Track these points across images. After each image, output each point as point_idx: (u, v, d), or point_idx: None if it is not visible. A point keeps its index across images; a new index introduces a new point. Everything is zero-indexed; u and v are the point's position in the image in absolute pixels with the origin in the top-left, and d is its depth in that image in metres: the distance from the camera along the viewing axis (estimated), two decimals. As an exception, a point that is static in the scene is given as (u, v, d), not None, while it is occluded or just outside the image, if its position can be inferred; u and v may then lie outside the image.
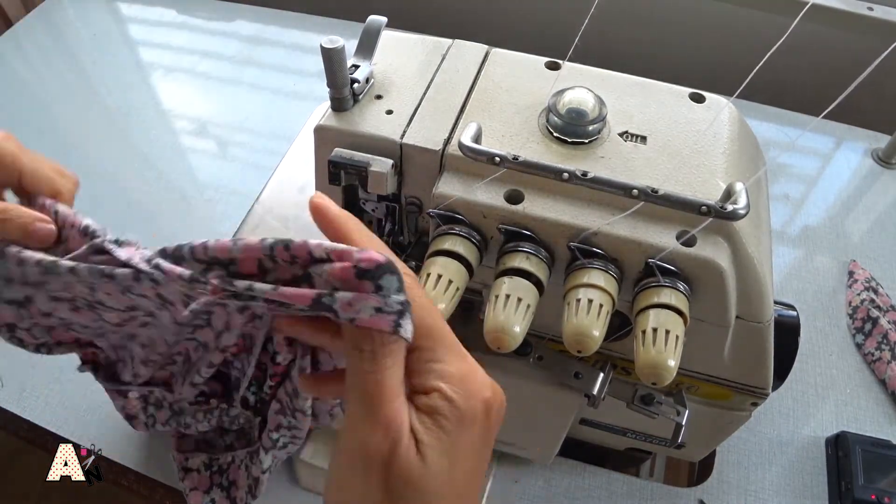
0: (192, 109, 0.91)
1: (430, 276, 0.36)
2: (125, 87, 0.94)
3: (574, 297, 0.35)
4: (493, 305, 0.35)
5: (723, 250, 0.36)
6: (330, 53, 0.39)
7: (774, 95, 0.87)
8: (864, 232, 0.78)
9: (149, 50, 1.00)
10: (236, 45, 1.00)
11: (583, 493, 0.58)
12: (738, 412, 0.47)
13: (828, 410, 0.63)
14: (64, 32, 1.02)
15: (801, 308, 0.50)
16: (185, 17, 1.05)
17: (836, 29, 0.91)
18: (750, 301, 0.38)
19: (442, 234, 0.38)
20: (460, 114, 0.42)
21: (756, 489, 0.58)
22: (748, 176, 0.40)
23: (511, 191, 0.38)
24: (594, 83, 0.42)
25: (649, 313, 0.35)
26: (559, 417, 0.50)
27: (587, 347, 0.34)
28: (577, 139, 0.40)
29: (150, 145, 0.86)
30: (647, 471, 0.68)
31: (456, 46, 0.47)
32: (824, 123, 0.89)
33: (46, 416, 0.61)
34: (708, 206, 0.35)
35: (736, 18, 0.96)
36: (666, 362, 0.33)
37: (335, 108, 0.42)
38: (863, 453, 0.57)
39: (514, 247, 0.37)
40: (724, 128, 0.42)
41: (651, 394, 0.44)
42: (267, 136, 0.87)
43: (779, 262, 0.74)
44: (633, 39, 1.04)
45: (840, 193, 0.82)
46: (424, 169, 0.41)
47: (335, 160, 0.40)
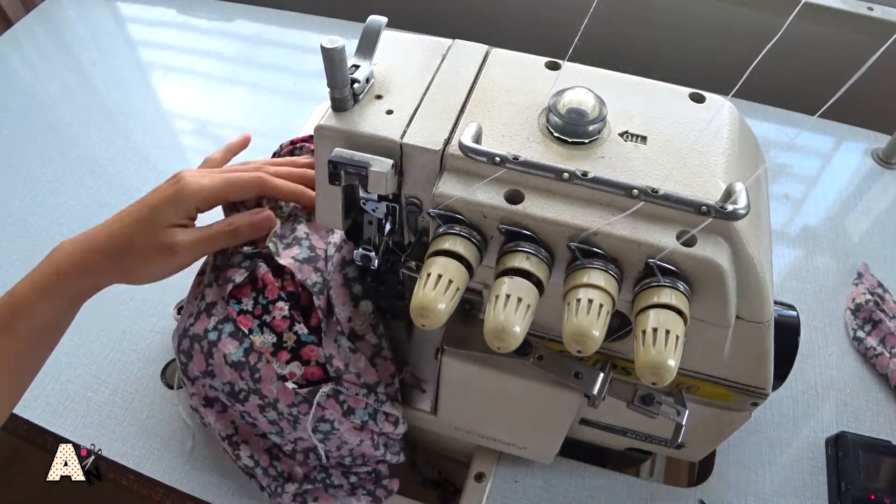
0: (192, 109, 0.91)
1: (430, 276, 0.36)
2: (125, 87, 0.94)
3: (574, 297, 0.35)
4: (493, 305, 0.35)
5: (723, 250, 0.36)
6: (330, 53, 0.39)
7: (774, 95, 0.87)
8: (864, 232, 0.78)
9: (149, 50, 1.00)
10: (236, 45, 1.00)
11: (583, 493, 0.58)
12: (738, 412, 0.47)
13: (828, 410, 0.63)
14: (64, 32, 1.02)
15: (801, 308, 0.50)
16: (185, 17, 1.05)
17: (835, 29, 0.91)
18: (750, 301, 0.38)
19: (442, 234, 0.38)
20: (460, 114, 0.42)
21: (756, 489, 0.58)
22: (748, 176, 0.40)
23: (511, 191, 0.38)
24: (594, 83, 0.42)
25: (649, 313, 0.35)
26: (559, 417, 0.50)
27: (587, 347, 0.34)
28: (577, 139, 0.40)
29: (150, 145, 0.86)
30: (647, 471, 0.68)
31: (456, 46, 0.47)
32: (824, 123, 0.89)
33: (46, 416, 0.61)
34: (708, 206, 0.35)
35: (736, 18, 0.96)
36: (666, 362, 0.33)
37: (335, 108, 0.42)
38: (863, 453, 0.57)
39: (514, 247, 0.37)
40: (724, 128, 0.42)
41: (651, 394, 0.44)
42: (267, 136, 0.87)
43: (779, 262, 0.74)
44: (633, 39, 1.04)
45: (840, 193, 0.82)
46: (424, 169, 0.41)
47: (335, 160, 0.40)
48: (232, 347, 0.49)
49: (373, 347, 0.51)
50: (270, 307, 0.50)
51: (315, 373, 0.49)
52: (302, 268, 0.51)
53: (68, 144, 0.86)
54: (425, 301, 0.35)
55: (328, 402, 0.49)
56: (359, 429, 0.51)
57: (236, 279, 0.51)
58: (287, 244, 0.53)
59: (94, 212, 0.78)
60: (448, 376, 0.50)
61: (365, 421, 0.50)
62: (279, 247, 0.52)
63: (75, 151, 0.85)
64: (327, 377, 0.49)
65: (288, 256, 0.51)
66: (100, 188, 0.81)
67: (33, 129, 0.88)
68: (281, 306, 0.50)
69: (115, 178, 0.82)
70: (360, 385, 0.50)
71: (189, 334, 0.51)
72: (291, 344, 0.49)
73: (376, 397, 0.50)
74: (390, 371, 0.52)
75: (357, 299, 0.52)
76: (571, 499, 0.58)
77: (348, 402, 0.49)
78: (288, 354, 0.49)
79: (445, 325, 0.36)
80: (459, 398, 0.52)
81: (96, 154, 0.85)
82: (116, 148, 0.85)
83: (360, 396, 0.50)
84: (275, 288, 0.50)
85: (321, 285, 0.51)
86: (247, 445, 0.54)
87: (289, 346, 0.49)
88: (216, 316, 0.50)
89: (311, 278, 0.51)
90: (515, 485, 0.58)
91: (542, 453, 0.56)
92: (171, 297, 0.69)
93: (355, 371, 0.49)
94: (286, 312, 0.50)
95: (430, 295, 0.35)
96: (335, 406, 0.49)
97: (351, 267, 0.52)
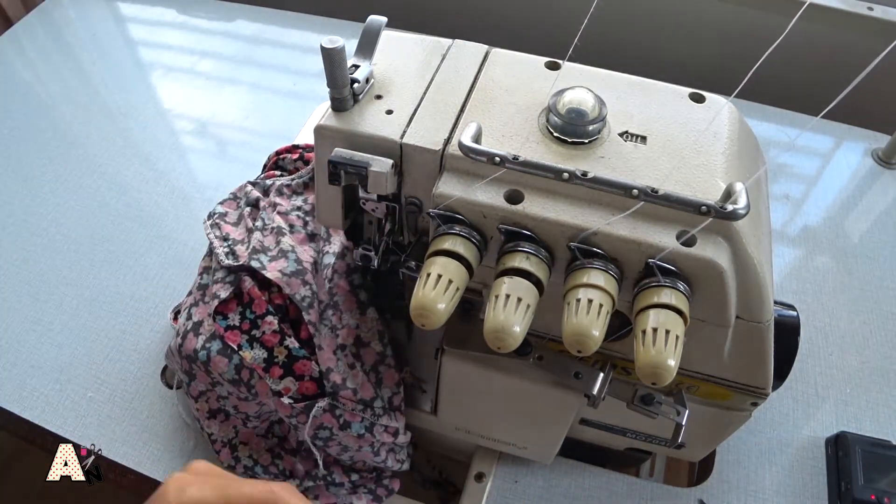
0: (192, 109, 0.91)
1: (430, 276, 0.36)
2: (125, 87, 0.94)
3: (574, 297, 0.35)
4: (493, 305, 0.35)
5: (723, 250, 0.36)
6: (330, 53, 0.39)
7: (774, 95, 0.87)
8: (864, 232, 0.78)
9: (149, 50, 1.00)
10: (236, 45, 1.00)
11: (583, 493, 0.58)
12: (738, 412, 0.47)
13: (828, 410, 0.63)
14: (64, 32, 1.02)
15: (801, 308, 0.50)
16: (185, 17, 1.05)
17: (836, 29, 0.91)
18: (750, 301, 0.38)
19: (442, 234, 0.38)
20: (460, 114, 0.42)
21: (756, 489, 0.58)
22: (748, 176, 0.40)
23: (511, 191, 0.38)
24: (594, 83, 0.42)
25: (649, 313, 0.35)
26: (559, 417, 0.50)
27: (587, 347, 0.34)
28: (577, 139, 0.40)
29: (150, 145, 0.86)
30: (647, 471, 0.68)
31: (456, 46, 0.47)
32: (824, 123, 0.88)
33: (46, 416, 0.61)
34: (708, 206, 0.35)
35: (736, 18, 0.96)
36: (666, 362, 0.33)
37: (335, 108, 0.42)
38: (863, 453, 0.57)
39: (514, 247, 0.37)
40: (724, 128, 0.42)
41: (651, 394, 0.44)
42: (267, 136, 0.87)
43: (779, 262, 0.74)
44: (633, 39, 1.04)
45: (840, 193, 0.82)
46: (424, 169, 0.41)
47: (335, 160, 0.40)
48: (223, 366, 0.48)
49: (377, 355, 0.52)
50: (259, 322, 0.50)
51: (310, 387, 0.49)
52: (290, 281, 0.50)
53: (68, 144, 0.86)
54: (425, 301, 0.35)
55: (324, 417, 0.49)
56: (357, 437, 0.51)
57: (221, 295, 0.50)
58: (273, 257, 0.52)
59: (94, 212, 0.78)
60: (448, 376, 0.50)
61: (362, 434, 0.50)
62: (264, 261, 0.52)
63: (75, 151, 0.85)
64: (322, 391, 0.49)
65: (275, 269, 0.51)
66: (100, 188, 0.81)
67: (33, 129, 0.88)
68: (270, 320, 0.49)
69: (115, 178, 0.82)
70: (357, 401, 0.50)
71: (183, 354, 0.51)
72: (283, 359, 0.49)
73: (373, 412, 0.50)
74: (395, 379, 0.52)
75: (364, 306, 0.52)
76: (571, 499, 0.58)
77: (344, 416, 0.50)
78: (280, 370, 0.49)
79: (445, 325, 0.36)
80: (459, 398, 0.52)
81: (96, 154, 0.85)
82: (116, 148, 0.85)
83: (356, 412, 0.50)
84: (262, 302, 0.50)
85: (310, 299, 0.50)
86: (246, 446, 0.55)
87: (280, 360, 0.49)
88: (203, 335, 0.50)
89: (299, 292, 0.50)
90: (515, 485, 0.58)
91: (542, 453, 0.56)
92: (171, 297, 0.69)
93: (352, 387, 0.49)
94: (276, 327, 0.49)
95: (430, 295, 0.35)
96: (331, 420, 0.49)
97: (357, 274, 0.52)
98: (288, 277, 0.50)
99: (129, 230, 0.76)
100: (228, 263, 0.52)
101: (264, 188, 0.61)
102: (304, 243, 0.55)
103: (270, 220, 0.56)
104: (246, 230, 0.57)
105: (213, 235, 0.57)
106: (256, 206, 0.59)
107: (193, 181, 0.82)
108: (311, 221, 0.58)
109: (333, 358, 0.50)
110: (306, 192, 0.61)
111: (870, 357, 0.67)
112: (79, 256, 0.74)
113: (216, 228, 0.58)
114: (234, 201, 0.62)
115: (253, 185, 0.62)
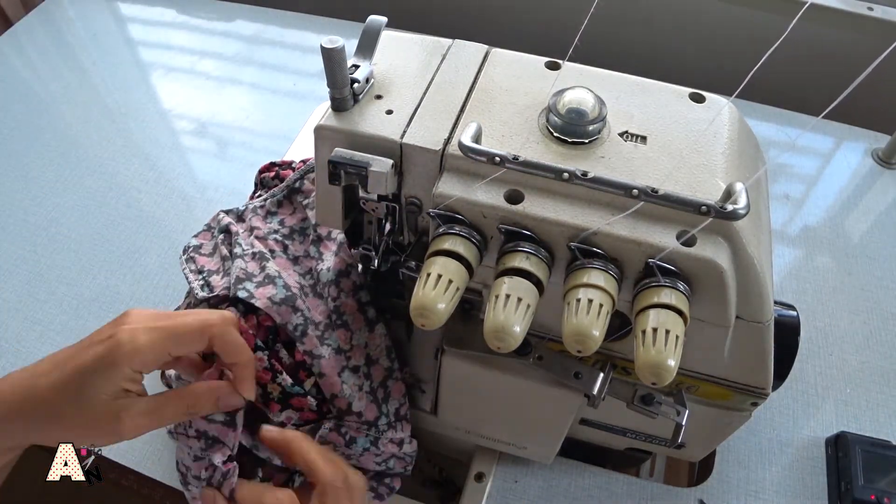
0: (192, 109, 0.91)
1: (430, 276, 0.36)
2: (125, 87, 0.94)
3: (574, 297, 0.35)
4: (493, 305, 0.35)
5: (723, 250, 0.36)
6: (330, 53, 0.39)
7: (774, 95, 0.87)
8: (864, 232, 0.78)
9: (149, 50, 1.00)
10: (236, 45, 1.00)
11: (583, 493, 0.58)
12: (738, 412, 0.47)
13: (828, 410, 0.63)
14: (64, 32, 1.02)
15: (801, 308, 0.50)
16: (185, 17, 1.05)
17: (836, 29, 0.91)
18: (750, 301, 0.38)
19: (442, 234, 0.38)
20: (460, 114, 0.42)
21: (756, 489, 0.58)
22: (748, 176, 0.40)
23: (511, 191, 0.38)
24: (594, 83, 0.42)
25: (649, 313, 0.35)
26: (559, 417, 0.50)
27: (587, 347, 0.34)
28: (577, 139, 0.40)
29: (150, 145, 0.86)
30: (647, 471, 0.68)
31: (456, 46, 0.47)
32: (824, 123, 0.88)
33: (46, 416, 0.61)
34: (708, 206, 0.35)
35: (736, 18, 0.96)
36: (666, 362, 0.33)
37: (335, 108, 0.42)
38: (863, 453, 0.57)
39: (514, 247, 0.37)
40: (724, 128, 0.42)
41: (651, 394, 0.44)
42: (267, 136, 0.87)
43: (779, 262, 0.74)
44: (633, 39, 1.04)
45: (840, 193, 0.82)
46: (424, 169, 0.41)
47: (335, 160, 0.40)
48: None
49: (385, 371, 0.52)
50: None
51: (311, 416, 0.49)
52: (280, 310, 0.48)
53: (68, 144, 0.86)
54: (425, 301, 0.35)
55: (329, 435, 0.49)
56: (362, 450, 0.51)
57: None
58: (259, 283, 0.50)
59: (93, 212, 0.78)
60: (448, 376, 0.50)
61: (367, 448, 0.50)
62: (251, 288, 0.49)
63: (75, 151, 0.85)
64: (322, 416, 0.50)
65: (264, 297, 0.49)
66: (100, 188, 0.81)
67: (33, 128, 0.88)
68: (260, 356, 0.47)
69: (115, 178, 0.82)
70: (361, 423, 0.50)
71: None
72: (277, 395, 0.48)
73: (377, 429, 0.51)
74: (402, 391, 0.52)
75: (372, 324, 0.51)
76: (571, 498, 0.58)
77: (350, 433, 0.50)
78: (277, 405, 0.48)
79: (445, 324, 0.36)
80: (459, 398, 0.52)
81: (96, 154, 0.85)
82: (116, 148, 0.85)
83: (361, 430, 0.50)
84: (250, 337, 0.47)
85: (303, 326, 0.49)
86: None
87: (275, 396, 0.48)
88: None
89: (291, 321, 0.48)
90: (515, 485, 0.58)
91: (541, 453, 0.56)
92: (170, 297, 0.69)
93: (357, 410, 0.49)
94: (266, 364, 0.48)
95: (430, 295, 0.35)
96: (337, 437, 0.50)
97: (364, 291, 0.52)
98: (278, 306, 0.49)
99: (129, 230, 0.76)
100: (204, 296, 0.51)
101: (238, 214, 0.60)
102: (287, 268, 0.53)
103: (249, 244, 0.54)
104: (220, 259, 0.55)
105: (187, 270, 0.55)
106: (229, 232, 0.57)
107: (193, 181, 0.82)
108: (290, 245, 0.56)
109: (339, 381, 0.49)
110: (281, 212, 0.59)
111: (870, 357, 0.67)
112: (78, 256, 0.74)
113: (191, 262, 0.56)
114: (208, 232, 0.60)
115: (226, 213, 0.60)
